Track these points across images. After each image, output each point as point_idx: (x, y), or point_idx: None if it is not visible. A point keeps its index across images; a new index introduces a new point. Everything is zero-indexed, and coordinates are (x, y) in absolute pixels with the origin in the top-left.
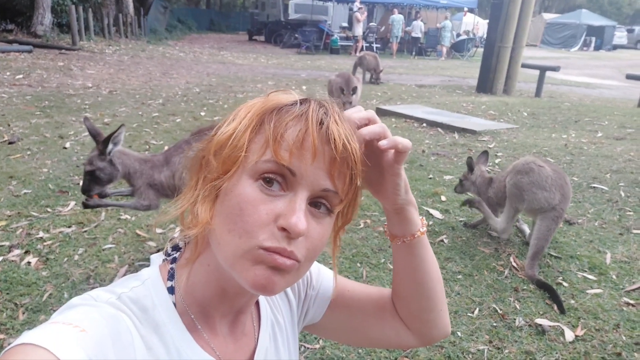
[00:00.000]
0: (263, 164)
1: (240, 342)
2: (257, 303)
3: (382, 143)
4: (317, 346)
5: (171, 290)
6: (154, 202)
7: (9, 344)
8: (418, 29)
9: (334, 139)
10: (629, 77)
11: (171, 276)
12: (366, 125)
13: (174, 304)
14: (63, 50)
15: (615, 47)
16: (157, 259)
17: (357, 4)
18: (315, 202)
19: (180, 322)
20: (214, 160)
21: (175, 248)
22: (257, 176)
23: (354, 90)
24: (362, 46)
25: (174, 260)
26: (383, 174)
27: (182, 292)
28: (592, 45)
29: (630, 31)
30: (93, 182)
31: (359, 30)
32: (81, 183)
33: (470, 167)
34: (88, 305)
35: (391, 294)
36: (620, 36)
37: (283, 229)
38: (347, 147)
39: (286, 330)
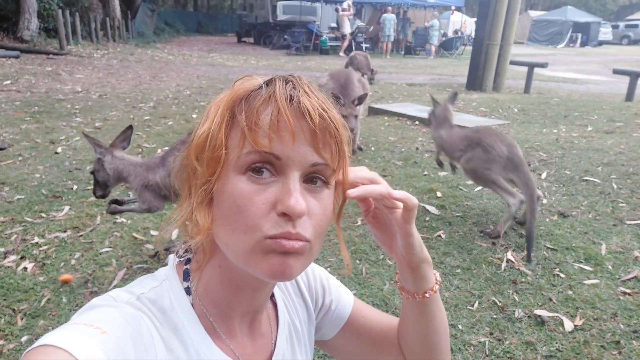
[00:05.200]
0: (246, 157)
1: (257, 343)
2: (275, 305)
3: (395, 194)
4: None
5: (188, 291)
6: (153, 204)
7: (8, 350)
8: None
9: (308, 112)
10: (616, 72)
11: (187, 277)
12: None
13: (192, 305)
14: (51, 55)
15: (600, 43)
16: (174, 259)
17: (345, 4)
18: (310, 178)
19: (199, 323)
20: (198, 165)
21: (188, 249)
22: (244, 170)
23: (360, 100)
24: (352, 45)
25: (188, 261)
26: (394, 235)
27: (198, 294)
28: (578, 41)
29: (615, 27)
30: (96, 184)
31: (346, 28)
32: None
33: (435, 101)
34: (109, 306)
35: (397, 331)
36: (606, 32)
37: (283, 214)
38: (324, 116)
39: (303, 334)
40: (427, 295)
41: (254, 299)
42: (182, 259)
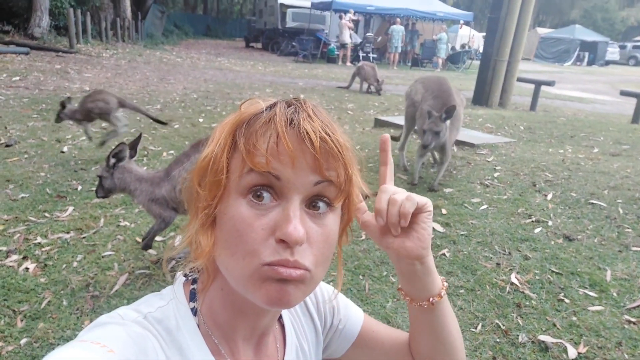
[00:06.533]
0: (246, 177)
1: None
2: (283, 327)
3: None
4: None
5: (194, 311)
6: (165, 215)
7: (6, 352)
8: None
9: (308, 135)
10: (623, 93)
11: (193, 297)
12: None
13: (198, 326)
14: (60, 53)
15: (607, 63)
16: (181, 278)
17: (350, 15)
18: (312, 203)
19: (204, 344)
20: (200, 189)
21: (194, 270)
22: (245, 192)
23: (447, 113)
24: (359, 55)
25: (194, 281)
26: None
27: (203, 315)
28: (585, 60)
29: (622, 47)
30: (99, 186)
31: (346, 38)
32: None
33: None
34: (116, 324)
35: (409, 345)
36: (613, 52)
37: (282, 241)
38: (326, 139)
39: (310, 357)
40: (441, 295)
41: (257, 323)
42: (188, 278)
